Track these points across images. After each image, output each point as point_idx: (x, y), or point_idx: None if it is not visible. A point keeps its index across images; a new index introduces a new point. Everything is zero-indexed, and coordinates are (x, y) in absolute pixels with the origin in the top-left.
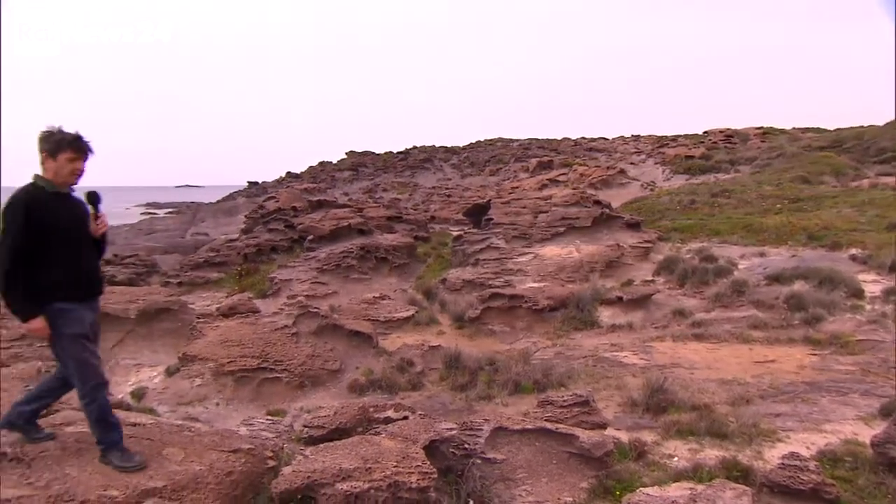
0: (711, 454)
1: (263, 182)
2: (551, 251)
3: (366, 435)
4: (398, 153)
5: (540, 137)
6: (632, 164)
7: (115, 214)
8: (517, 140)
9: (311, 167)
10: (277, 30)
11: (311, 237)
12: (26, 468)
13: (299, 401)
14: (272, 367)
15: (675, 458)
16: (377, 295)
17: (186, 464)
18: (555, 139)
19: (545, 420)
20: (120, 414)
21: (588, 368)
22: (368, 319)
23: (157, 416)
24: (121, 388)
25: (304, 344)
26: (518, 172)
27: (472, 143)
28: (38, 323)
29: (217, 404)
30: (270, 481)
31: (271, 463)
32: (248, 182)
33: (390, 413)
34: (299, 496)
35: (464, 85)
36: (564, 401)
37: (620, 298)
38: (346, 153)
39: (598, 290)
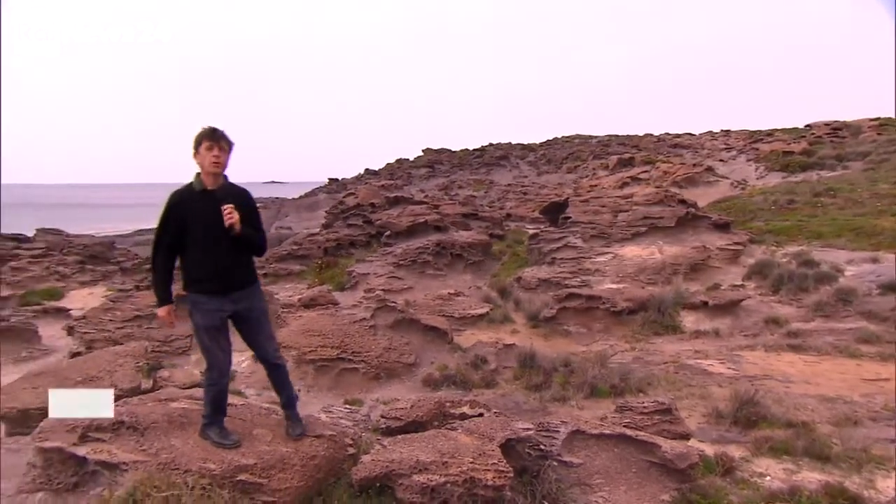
0: (811, 477)
1: (343, 179)
2: (631, 251)
3: (442, 429)
4: (474, 150)
5: (620, 134)
6: (721, 160)
7: None
8: (596, 137)
9: (388, 164)
10: (356, 30)
11: (388, 233)
12: (140, 436)
13: (375, 392)
14: (350, 357)
15: (768, 478)
16: (452, 291)
17: (274, 445)
18: (636, 135)
19: (624, 426)
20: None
21: (669, 375)
22: (443, 315)
23: (245, 398)
24: None
25: (381, 337)
26: (597, 170)
27: (548, 140)
28: (163, 311)
29: (298, 391)
30: (350, 468)
31: (351, 450)
32: (329, 179)
33: (466, 409)
34: (377, 484)
35: (541, 81)
36: (645, 407)
37: (706, 303)
38: (423, 150)
39: (681, 294)
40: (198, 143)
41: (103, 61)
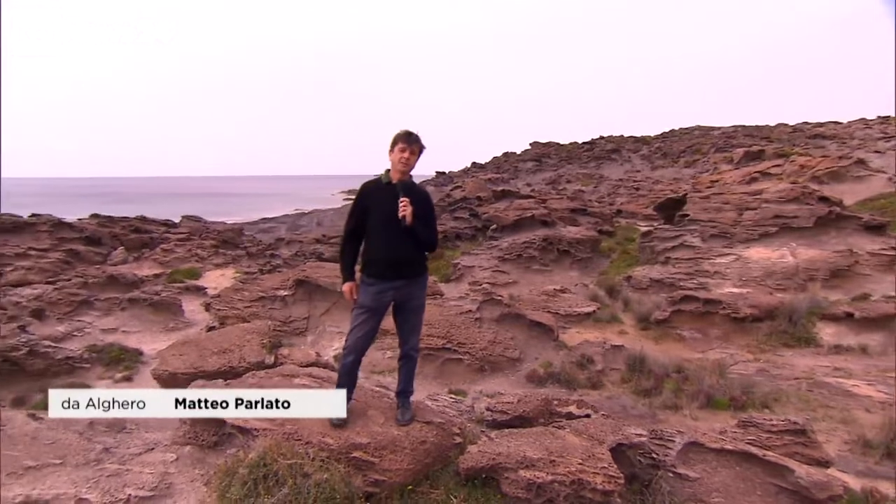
0: None
1: (450, 172)
2: (758, 253)
3: (549, 427)
4: (583, 144)
5: (747, 124)
6: (875, 152)
7: (322, 200)
8: (718, 128)
9: (495, 157)
10: (462, 24)
11: (494, 226)
12: None
13: (478, 384)
14: (455, 348)
15: None
16: (558, 287)
17: (387, 427)
18: (766, 125)
19: (748, 443)
20: (323, 374)
21: (802, 393)
22: (548, 311)
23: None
24: (326, 352)
25: (486, 330)
26: (719, 164)
27: (664, 133)
28: (345, 287)
29: None
30: (456, 456)
31: (458, 439)
32: (437, 172)
33: (573, 409)
34: (483, 475)
35: (657, 69)
36: (773, 425)
37: (850, 315)
38: (530, 144)
39: (819, 303)
40: (393, 143)
41: (249, 63)
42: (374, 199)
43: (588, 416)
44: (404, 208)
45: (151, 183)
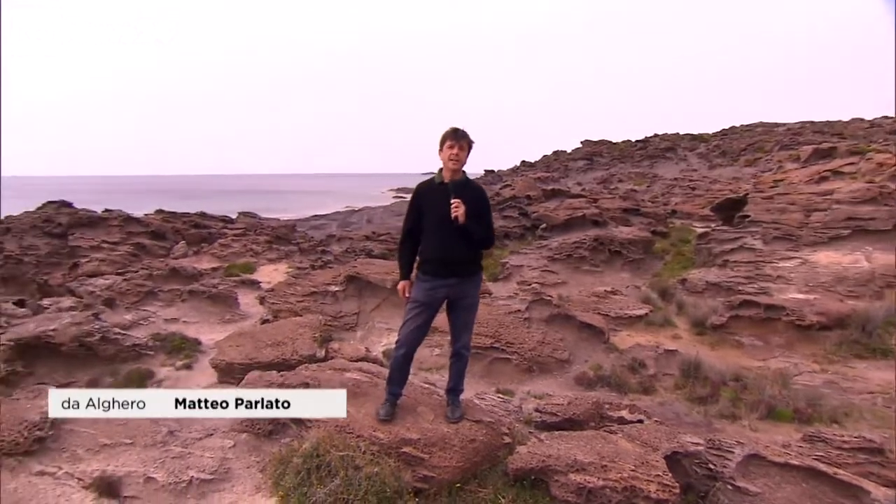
0: None
1: (499, 170)
2: (827, 257)
3: (600, 431)
4: (636, 142)
5: (816, 120)
6: None
7: (372, 197)
8: (783, 124)
9: (544, 156)
10: (512, 18)
11: (544, 225)
12: None
13: (526, 384)
14: (503, 347)
15: None
16: (608, 289)
17: (436, 424)
18: (838, 121)
19: (815, 459)
20: (373, 368)
21: (877, 409)
22: (599, 313)
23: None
24: (375, 347)
25: (535, 330)
26: (783, 162)
27: (723, 130)
28: (400, 285)
29: None
30: (505, 456)
31: (507, 439)
32: (485, 170)
33: (624, 413)
34: (532, 477)
35: (715, 64)
36: (845, 442)
37: None
38: (581, 142)
39: None
40: (442, 142)
41: (299, 63)
42: (427, 199)
43: (640, 421)
44: (456, 209)
45: (210, 180)
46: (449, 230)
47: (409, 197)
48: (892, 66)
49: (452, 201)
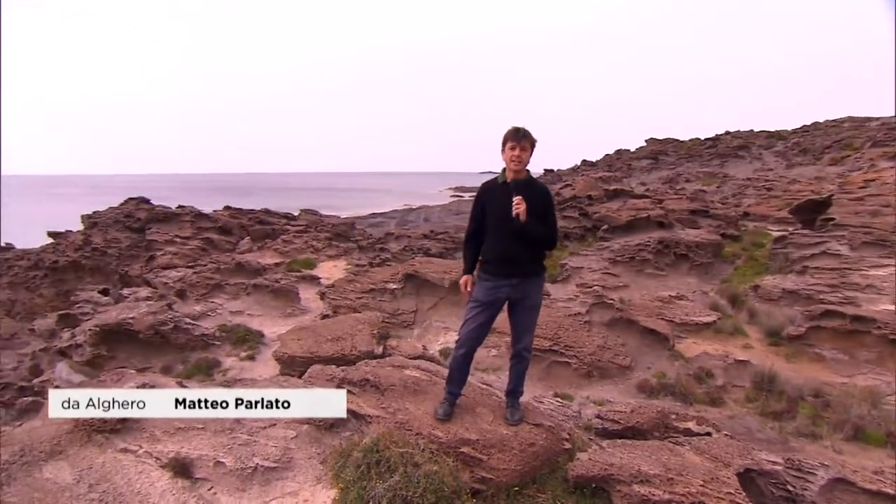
0: None
1: (559, 169)
2: None
3: (665, 442)
4: (705, 140)
5: None
6: None
7: (430, 196)
8: (876, 119)
9: (606, 155)
10: (574, 16)
11: (605, 227)
12: (381, 395)
13: (585, 389)
14: (562, 351)
15: None
16: (673, 294)
17: (495, 425)
18: None
19: None
20: (432, 367)
21: None
22: (663, 319)
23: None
24: (432, 346)
25: (595, 334)
26: (876, 160)
27: (804, 126)
28: (462, 280)
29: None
30: (565, 462)
31: (566, 445)
32: (545, 169)
33: (692, 425)
34: (592, 485)
35: (794, 56)
36: None
37: None
38: (646, 141)
39: None
40: (504, 142)
41: (355, 64)
42: (490, 198)
43: (709, 434)
44: (517, 206)
45: (270, 178)
46: (510, 230)
47: (467, 196)
48: None
49: (514, 199)
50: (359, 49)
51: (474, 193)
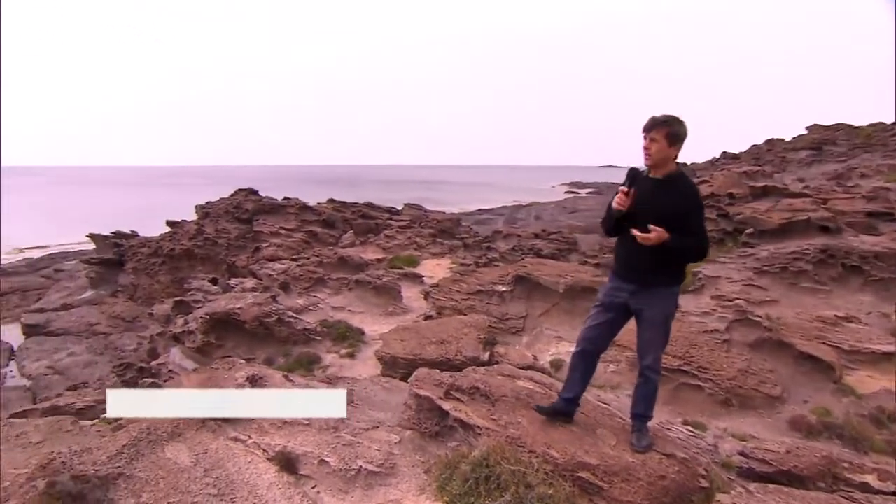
0: None
1: (692, 163)
2: None
3: (833, 495)
4: (890, 125)
5: None
6: None
7: (541, 192)
8: None
9: (753, 146)
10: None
11: (750, 230)
12: (491, 405)
13: (722, 419)
14: (695, 372)
15: None
16: (840, 314)
17: (619, 451)
18: None
19: None
20: (546, 379)
21: None
22: (825, 343)
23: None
24: (543, 356)
25: (735, 355)
26: None
27: None
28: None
29: (629, 397)
30: (701, 503)
31: (703, 482)
32: (676, 163)
33: (870, 479)
34: None
35: None
36: None
37: None
38: (807, 128)
39: None
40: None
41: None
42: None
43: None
44: (646, 238)
45: (372, 171)
46: (638, 230)
47: (584, 193)
48: None
49: (650, 231)
50: (465, 37)
51: (592, 191)
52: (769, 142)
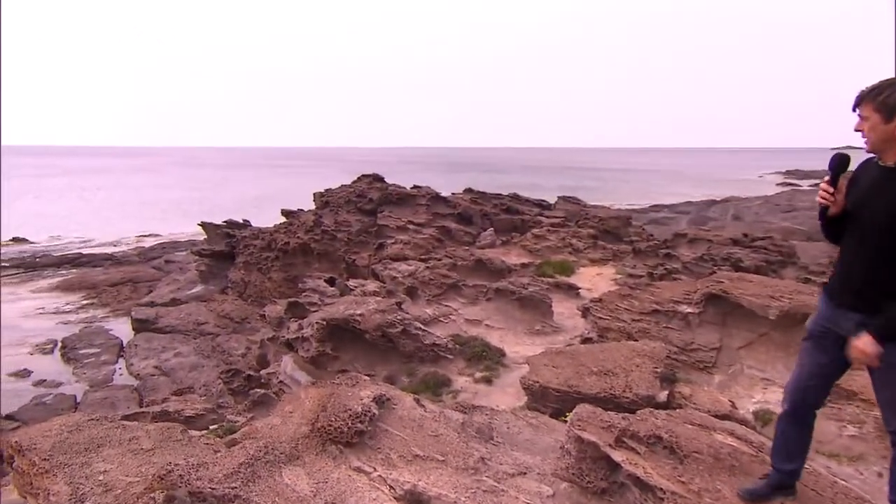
0: None
1: None
2: None
3: None
4: None
5: None
6: None
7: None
8: None
9: None
10: None
11: None
12: (679, 463)
13: None
14: None
15: None
16: None
17: None
18: None
19: None
20: (752, 436)
21: None
22: None
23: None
24: (743, 403)
25: None
26: None
27: None
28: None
29: (880, 475)
30: None
31: None
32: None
33: None
34: None
35: None
36: None
37: None
38: None
39: None
40: None
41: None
42: (857, 183)
43: None
44: (857, 353)
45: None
46: (868, 241)
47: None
48: None
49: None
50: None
51: (817, 181)
52: None
